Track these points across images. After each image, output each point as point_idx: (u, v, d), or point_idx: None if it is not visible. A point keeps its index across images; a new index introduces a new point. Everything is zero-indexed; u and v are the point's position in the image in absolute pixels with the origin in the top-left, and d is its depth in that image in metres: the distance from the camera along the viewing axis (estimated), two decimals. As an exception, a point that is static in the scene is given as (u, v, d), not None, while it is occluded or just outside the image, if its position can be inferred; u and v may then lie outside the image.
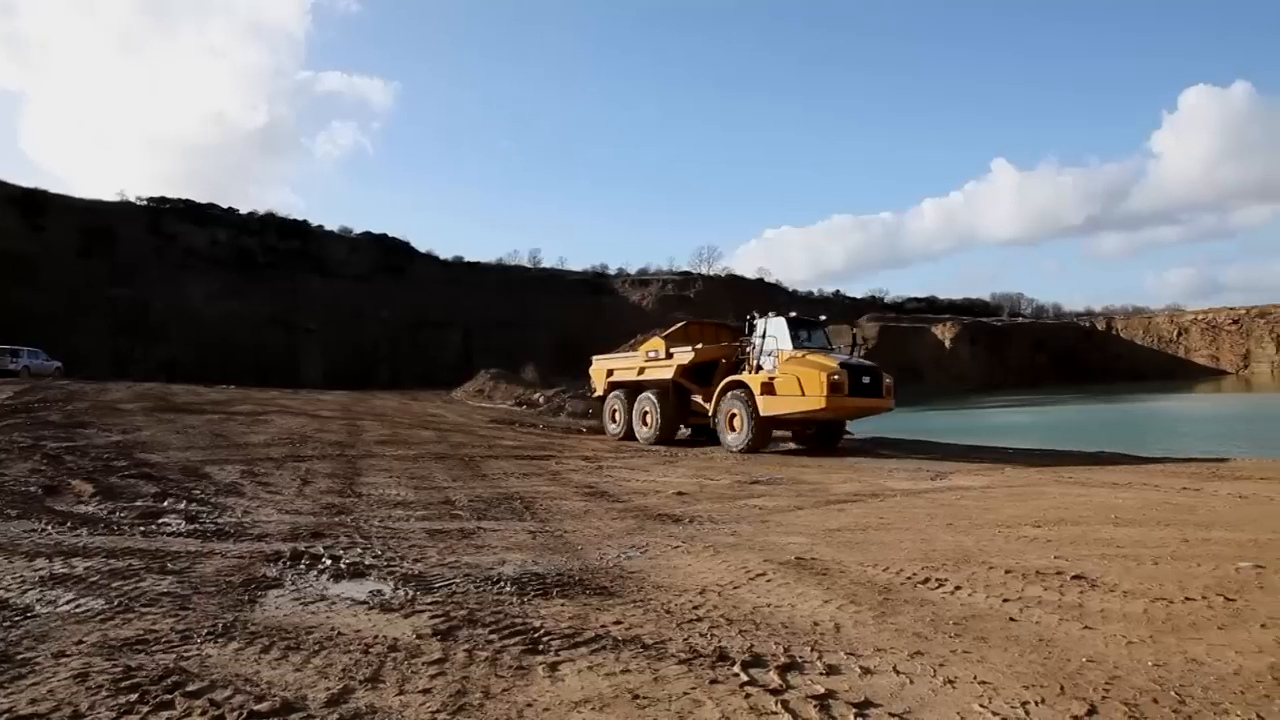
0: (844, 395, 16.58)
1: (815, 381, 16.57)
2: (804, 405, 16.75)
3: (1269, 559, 6.39)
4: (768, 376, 17.51)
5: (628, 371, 21.77)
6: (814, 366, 16.91)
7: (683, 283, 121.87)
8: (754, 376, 17.88)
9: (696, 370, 19.96)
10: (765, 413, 17.42)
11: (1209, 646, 4.34)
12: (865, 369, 17.63)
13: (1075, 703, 3.60)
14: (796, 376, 16.89)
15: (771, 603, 5.33)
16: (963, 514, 9.33)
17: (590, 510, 9.67)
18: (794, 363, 17.31)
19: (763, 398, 17.40)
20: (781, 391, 17.14)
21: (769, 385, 17.39)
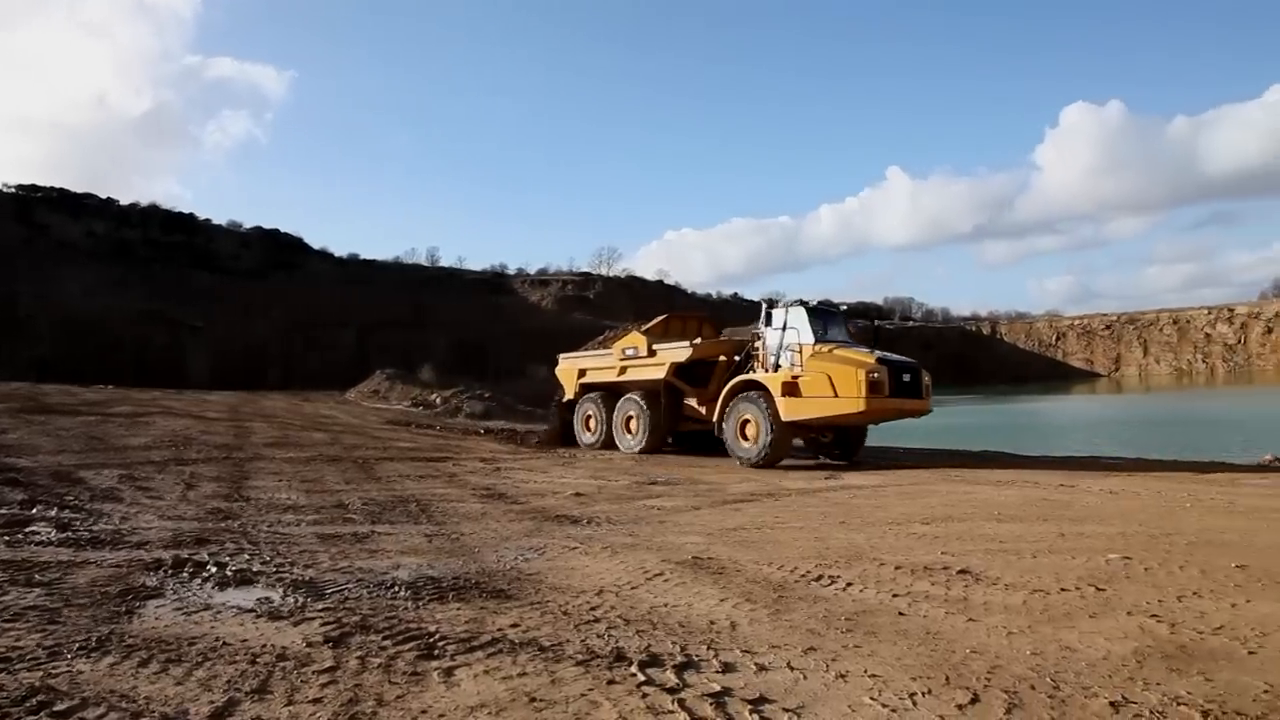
0: (884, 396, 14.31)
1: (851, 380, 14.24)
2: (837, 408, 14.41)
3: (1135, 550, 6.75)
4: (790, 375, 14.98)
5: (605, 371, 19.12)
6: (848, 362, 14.63)
7: (583, 283, 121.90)
8: (772, 376, 15.33)
9: (691, 370, 17.65)
10: (788, 417, 14.87)
11: (1081, 634, 4.56)
12: (905, 365, 15.26)
13: (959, 692, 3.73)
14: (827, 374, 14.51)
15: (668, 602, 5.37)
16: (855, 512, 9.57)
17: (487, 512, 9.57)
18: (822, 358, 14.90)
19: (785, 400, 14.85)
20: (809, 392, 14.69)
21: (792, 385, 14.87)
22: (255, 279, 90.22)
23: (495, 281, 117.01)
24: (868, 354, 15.09)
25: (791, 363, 15.22)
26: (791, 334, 15.46)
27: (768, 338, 15.95)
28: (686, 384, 17.64)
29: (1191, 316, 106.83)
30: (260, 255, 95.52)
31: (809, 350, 15.11)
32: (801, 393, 14.76)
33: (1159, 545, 7.02)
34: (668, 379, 17.59)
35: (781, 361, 15.41)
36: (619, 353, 18.76)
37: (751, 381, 15.70)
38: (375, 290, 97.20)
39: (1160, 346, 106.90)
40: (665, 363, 17.52)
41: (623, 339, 19.37)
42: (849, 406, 14.26)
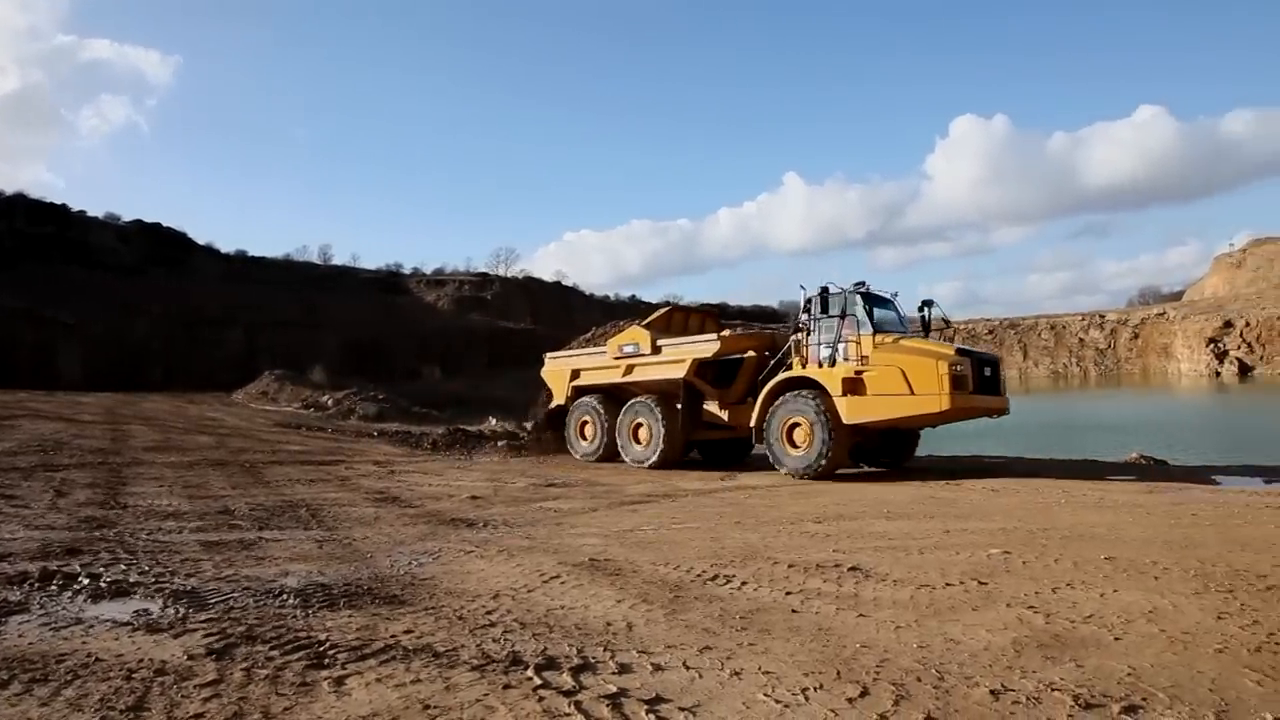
0: (968, 393, 12.60)
1: (930, 374, 12.47)
2: (913, 407, 12.63)
3: (1014, 545, 7.05)
4: (852, 370, 13.10)
5: (606, 371, 16.89)
6: (925, 354, 12.88)
7: (480, 284, 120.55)
8: (827, 371, 13.44)
9: (712, 369, 15.58)
10: (851, 419, 13.05)
11: (964, 626, 4.73)
12: (986, 358, 13.61)
13: (850, 686, 3.82)
14: (900, 368, 12.70)
15: (565, 605, 5.35)
16: (750, 512, 9.73)
17: (381, 516, 9.38)
18: (891, 350, 13.07)
19: (846, 400, 13.02)
20: (876, 389, 12.86)
21: (855, 382, 13.04)
22: (135, 275, 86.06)
23: (390, 281, 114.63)
24: (943, 344, 13.77)
25: (847, 356, 13.33)
26: (850, 323, 13.53)
27: (817, 328, 14.00)
28: (708, 384, 15.61)
29: (1067, 322, 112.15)
30: (140, 250, 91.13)
31: (871, 341, 13.21)
32: (867, 390, 12.94)
33: (1036, 540, 7.35)
34: (689, 378, 15.38)
35: (837, 355, 13.50)
36: (615, 350, 16.71)
37: (799, 379, 13.86)
38: (264, 288, 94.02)
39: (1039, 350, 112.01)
40: (686, 359, 15.34)
41: (619, 335, 17.38)
42: (928, 405, 12.49)
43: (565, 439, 17.91)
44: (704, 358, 15.26)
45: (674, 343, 16.00)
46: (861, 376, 13.03)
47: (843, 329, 13.51)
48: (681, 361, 15.42)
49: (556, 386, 18.37)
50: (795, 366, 14.18)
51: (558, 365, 18.45)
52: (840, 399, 13.10)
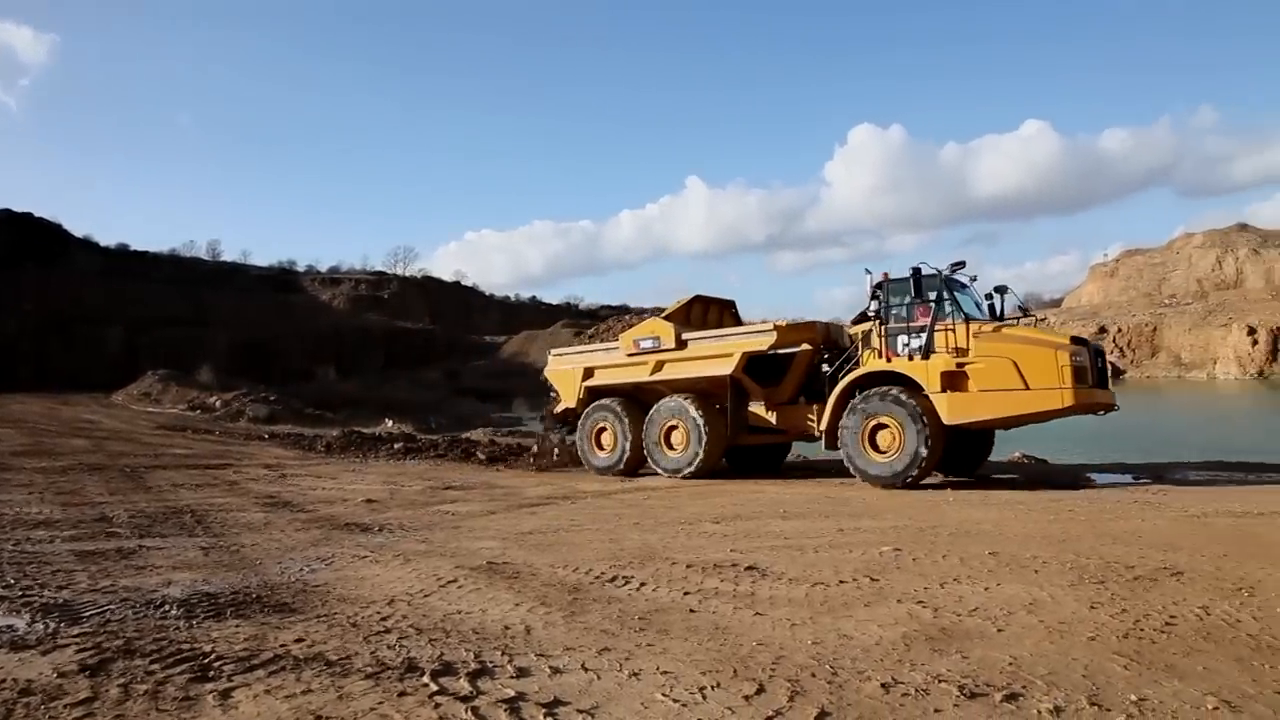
0: (1089, 386, 11.40)
1: (1049, 366, 11.17)
2: (1027, 404, 11.36)
3: (905, 542, 7.28)
4: (952, 363, 11.68)
5: (629, 369, 15.05)
6: (1038, 343, 11.61)
7: (376, 283, 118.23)
8: (920, 364, 11.94)
9: (759, 365, 14.07)
10: (954, 419, 11.64)
11: (857, 622, 4.85)
12: (1097, 348, 12.32)
13: (746, 683, 3.87)
14: (1012, 360, 11.34)
15: (463, 609, 5.28)
16: (649, 513, 9.78)
17: (271, 522, 9.09)
18: (995, 339, 11.71)
19: (947, 396, 11.60)
20: (983, 384, 11.47)
21: (956, 376, 11.65)
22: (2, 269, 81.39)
23: (283, 279, 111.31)
24: (1050, 332, 12.68)
25: (935, 348, 11.92)
26: (947, 309, 12.12)
27: (895, 316, 12.55)
28: (756, 383, 14.10)
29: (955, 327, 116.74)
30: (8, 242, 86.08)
31: (968, 330, 11.83)
32: (971, 385, 11.56)
33: (925, 537, 7.60)
34: (736, 375, 13.79)
35: (931, 346, 11.98)
36: (629, 346, 15.01)
37: (881, 374, 12.36)
38: (147, 285, 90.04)
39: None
40: (734, 353, 13.70)
41: (634, 329, 15.62)
42: (1047, 401, 11.22)
43: (578, 449, 15.75)
44: (757, 351, 13.68)
45: (707, 335, 14.56)
46: (964, 369, 11.58)
47: (936, 316, 12.03)
48: (728, 356, 13.76)
49: (565, 388, 16.17)
50: (867, 360, 12.69)
51: (566, 364, 16.31)
52: (939, 396, 11.62)
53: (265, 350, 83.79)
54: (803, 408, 13.82)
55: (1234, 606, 4.98)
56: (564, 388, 16.23)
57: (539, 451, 17.44)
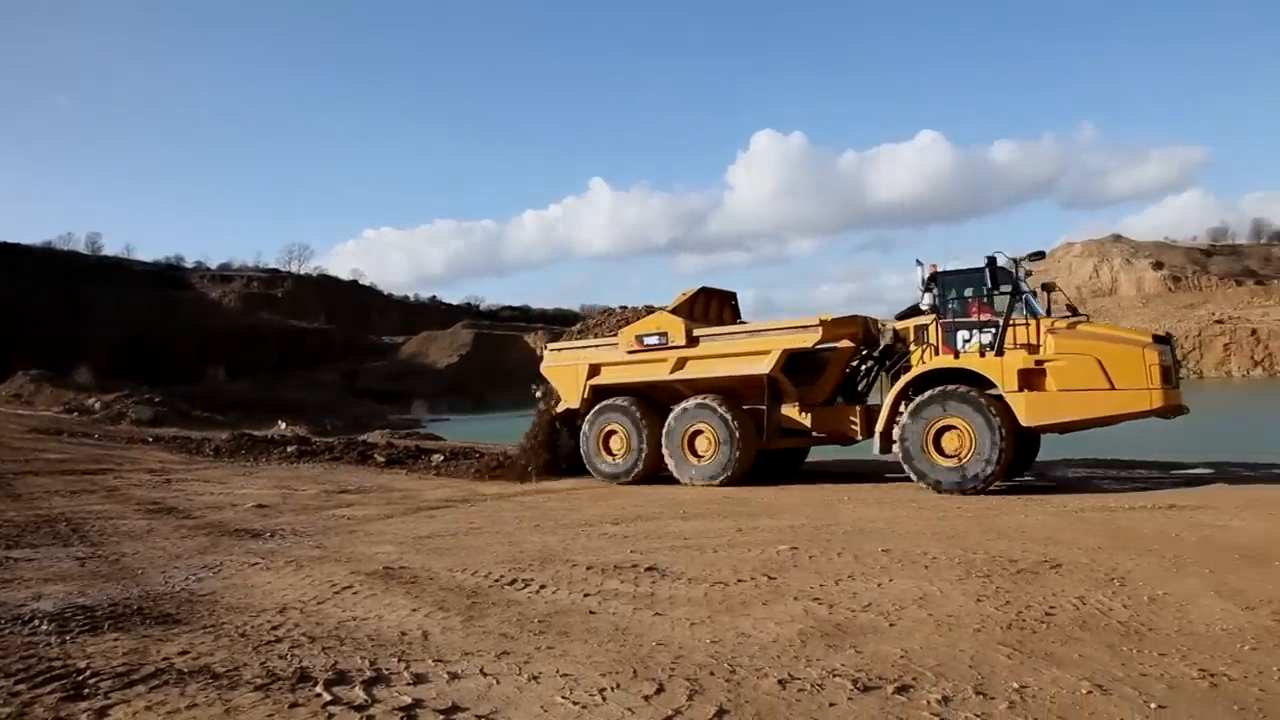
0: (1174, 386, 10.82)
1: (1135, 366, 10.49)
2: (1112, 405, 10.64)
3: (802, 541, 7.42)
4: (1031, 360, 10.84)
5: (645, 367, 13.74)
6: (1123, 341, 11.02)
7: (270, 281, 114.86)
8: (994, 361, 11.00)
9: (793, 362, 12.96)
10: (1033, 420, 10.83)
11: (755, 620, 4.93)
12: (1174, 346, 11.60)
13: (646, 684, 3.89)
14: (1097, 358, 10.59)
15: (358, 616, 5.16)
16: (549, 515, 9.74)
17: (155, 529, 8.72)
18: (1076, 336, 11.05)
19: (1024, 396, 10.74)
20: (1065, 383, 10.68)
21: (1035, 375, 10.82)
22: None
23: (170, 275, 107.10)
24: (1128, 329, 12.10)
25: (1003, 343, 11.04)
26: (1023, 302, 11.29)
27: (954, 310, 11.68)
28: (791, 383, 13.09)
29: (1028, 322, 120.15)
30: None
31: (1038, 326, 11.11)
32: (1050, 385, 10.79)
33: (821, 535, 7.77)
34: (774, 374, 12.69)
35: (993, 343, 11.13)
36: (630, 342, 13.78)
37: (945, 372, 11.39)
38: (18, 279, 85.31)
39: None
40: (772, 350, 12.61)
41: (637, 324, 14.14)
42: (1134, 403, 10.54)
43: (583, 454, 14.21)
44: (799, 349, 12.63)
45: (737, 331, 13.55)
46: (1044, 368, 10.80)
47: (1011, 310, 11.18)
48: (765, 354, 12.66)
49: (566, 386, 14.64)
50: (921, 357, 11.79)
51: (566, 359, 14.76)
52: (1016, 395, 10.78)
53: (150, 350, 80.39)
54: (841, 409, 13.02)
55: (1107, 596, 5.25)
56: (564, 386, 14.66)
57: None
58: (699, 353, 13.17)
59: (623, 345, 13.81)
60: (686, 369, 13.27)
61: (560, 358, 14.87)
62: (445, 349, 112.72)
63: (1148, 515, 8.53)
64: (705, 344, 13.16)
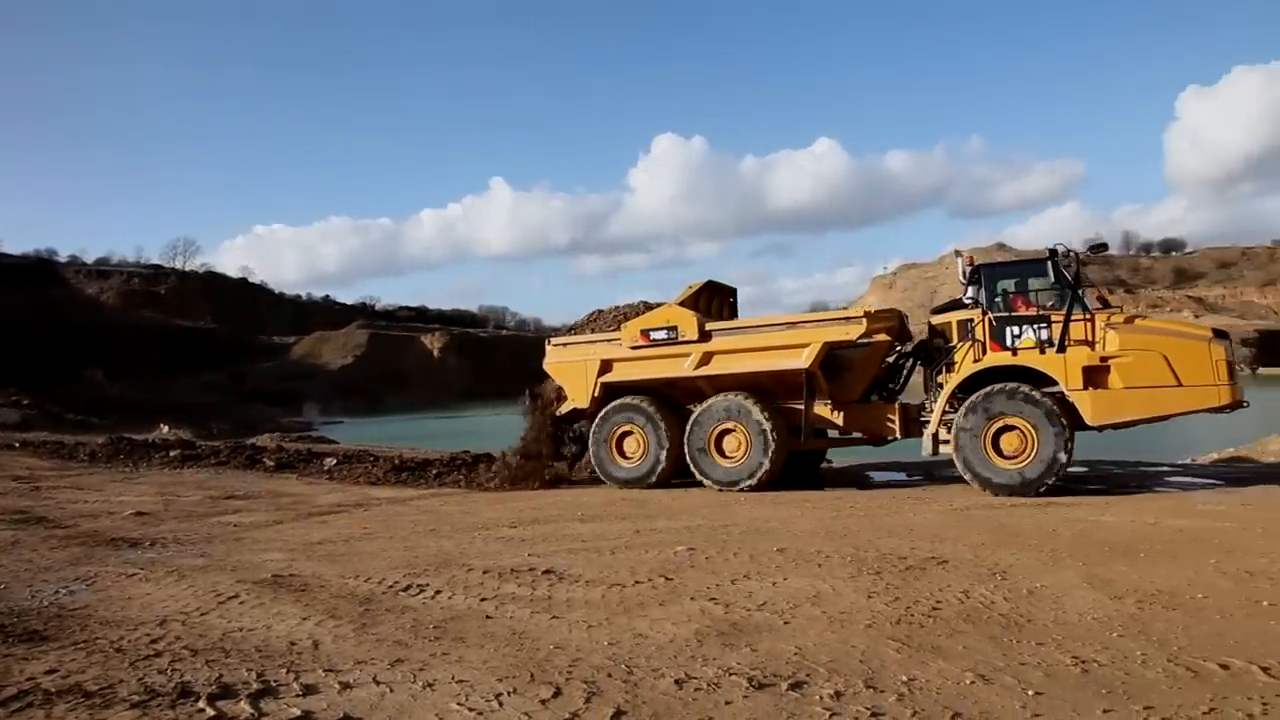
0: (1236, 383, 10.48)
1: (1202, 361, 10.25)
2: (1180, 403, 10.40)
3: (699, 542, 7.50)
4: (1096, 357, 10.47)
5: (663, 363, 12.85)
6: (1187, 335, 10.79)
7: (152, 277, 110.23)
8: (1056, 358, 10.60)
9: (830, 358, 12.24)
10: (1100, 419, 10.51)
11: (652, 621, 4.95)
12: None
13: (543, 688, 3.87)
14: (1164, 354, 10.30)
15: (244, 626, 4.99)
16: (446, 519, 9.60)
17: (21, 540, 8.24)
18: (1138, 331, 10.75)
19: (1090, 394, 10.38)
20: (1132, 380, 10.33)
21: (1100, 372, 10.46)
22: None
23: (41, 269, 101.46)
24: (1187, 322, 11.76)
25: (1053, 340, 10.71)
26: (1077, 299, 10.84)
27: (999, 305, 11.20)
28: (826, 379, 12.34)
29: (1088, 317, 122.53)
30: None
31: (1091, 321, 10.74)
32: (1115, 382, 10.42)
33: (718, 536, 7.86)
34: (813, 369, 11.98)
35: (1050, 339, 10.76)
36: (633, 337, 12.92)
37: (1001, 370, 10.92)
38: None
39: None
40: (812, 344, 11.90)
41: (645, 318, 13.25)
42: (1202, 399, 10.28)
43: (593, 458, 13.25)
44: (841, 342, 11.96)
45: (772, 323, 12.76)
46: (1110, 364, 10.44)
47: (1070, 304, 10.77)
48: (802, 347, 11.94)
49: (573, 384, 13.63)
50: (966, 354, 11.24)
51: (574, 355, 13.71)
52: (1081, 394, 10.41)
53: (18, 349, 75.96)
54: (877, 406, 12.51)
55: (990, 590, 5.46)
56: (572, 383, 13.65)
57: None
58: (727, 346, 12.46)
59: (626, 340, 12.98)
60: (713, 364, 12.49)
61: (566, 353, 13.82)
62: (339, 350, 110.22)
63: (1027, 512, 8.91)
64: (732, 338, 12.50)
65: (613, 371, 13.12)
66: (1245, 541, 6.91)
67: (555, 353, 13.92)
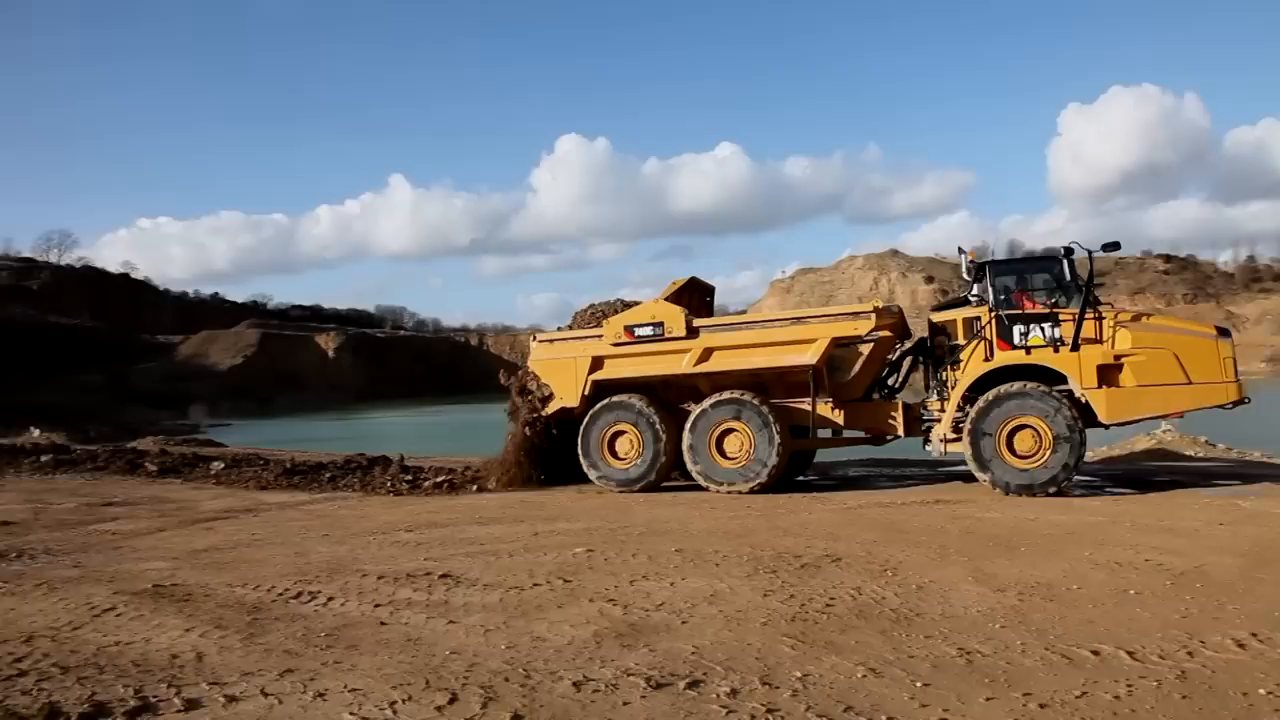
0: (1240, 380, 10.59)
1: (1210, 358, 10.40)
2: (1191, 400, 10.45)
3: (597, 543, 7.50)
4: (1110, 355, 10.53)
5: (659, 360, 12.44)
6: (1195, 333, 10.89)
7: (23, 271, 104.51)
8: (1069, 356, 10.63)
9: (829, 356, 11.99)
10: (1113, 418, 10.60)
11: (550, 624, 4.92)
12: None
13: (439, 694, 3.80)
14: (1174, 352, 10.42)
15: (121, 640, 4.76)
16: (339, 524, 9.37)
17: None
18: (1148, 329, 10.83)
19: (1104, 393, 10.44)
20: (1144, 378, 10.42)
21: (1113, 370, 10.53)
22: None
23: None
24: (1189, 320, 11.80)
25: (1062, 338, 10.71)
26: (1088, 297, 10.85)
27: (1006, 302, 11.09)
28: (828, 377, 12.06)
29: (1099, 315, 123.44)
30: None
31: (1099, 320, 10.76)
32: (1128, 380, 10.48)
33: (616, 537, 7.87)
34: (820, 365, 11.72)
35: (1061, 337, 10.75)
36: (618, 334, 12.50)
37: (1013, 369, 10.86)
38: None
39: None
40: (819, 339, 11.70)
41: (628, 314, 12.94)
42: (1212, 396, 10.40)
43: (582, 459, 12.56)
44: (849, 338, 11.74)
45: (769, 320, 12.72)
46: (1123, 362, 10.51)
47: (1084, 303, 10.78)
48: (809, 343, 11.72)
49: (561, 383, 13.03)
50: (974, 352, 11.13)
51: (563, 352, 13.14)
52: (1096, 392, 10.46)
53: None
54: (880, 404, 12.33)
55: (880, 586, 5.62)
56: (559, 382, 13.04)
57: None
58: (728, 342, 12.16)
59: (609, 337, 12.55)
60: (713, 360, 12.12)
61: (554, 350, 13.28)
62: (229, 350, 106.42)
63: (918, 510, 9.21)
64: (732, 334, 12.26)
65: (605, 369, 12.66)
66: (1116, 534, 7.31)
67: (542, 349, 13.41)
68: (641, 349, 12.39)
